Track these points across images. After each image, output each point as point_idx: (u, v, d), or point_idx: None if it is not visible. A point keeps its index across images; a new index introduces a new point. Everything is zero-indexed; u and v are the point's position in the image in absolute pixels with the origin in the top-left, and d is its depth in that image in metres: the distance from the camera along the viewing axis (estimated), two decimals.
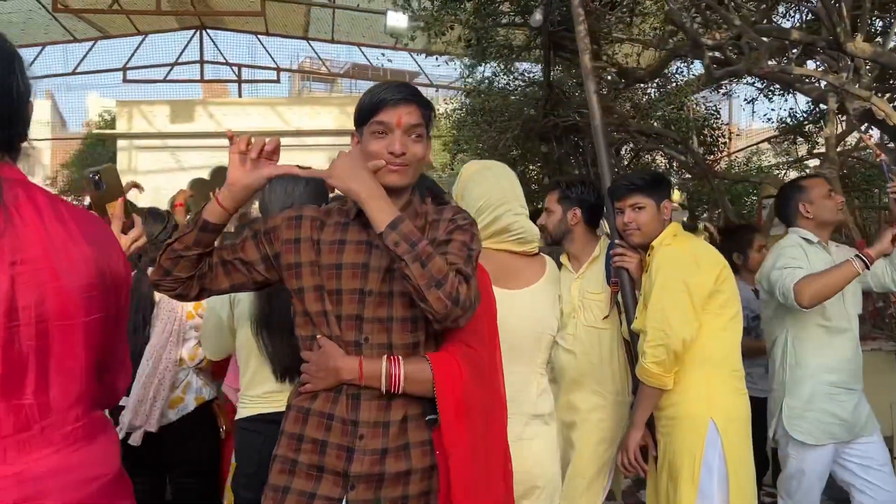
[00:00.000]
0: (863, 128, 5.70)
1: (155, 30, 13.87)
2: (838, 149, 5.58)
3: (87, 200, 1.96)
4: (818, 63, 5.45)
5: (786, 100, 6.54)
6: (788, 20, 5.91)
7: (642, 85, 6.12)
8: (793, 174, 7.64)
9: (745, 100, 6.76)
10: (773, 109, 6.69)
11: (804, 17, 5.44)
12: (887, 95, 5.58)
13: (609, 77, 5.81)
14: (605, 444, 3.21)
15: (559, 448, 3.30)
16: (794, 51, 4.57)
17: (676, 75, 6.83)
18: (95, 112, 22.79)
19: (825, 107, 4.93)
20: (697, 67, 6.88)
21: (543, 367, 2.53)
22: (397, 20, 8.80)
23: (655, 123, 6.19)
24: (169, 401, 3.19)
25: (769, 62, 4.26)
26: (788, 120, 6.61)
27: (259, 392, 2.75)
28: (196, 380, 3.27)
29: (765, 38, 4.22)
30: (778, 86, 6.06)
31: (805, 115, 6.41)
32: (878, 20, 5.43)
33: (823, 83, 4.39)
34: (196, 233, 1.82)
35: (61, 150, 23.03)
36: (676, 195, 6.07)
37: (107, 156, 14.17)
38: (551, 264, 2.64)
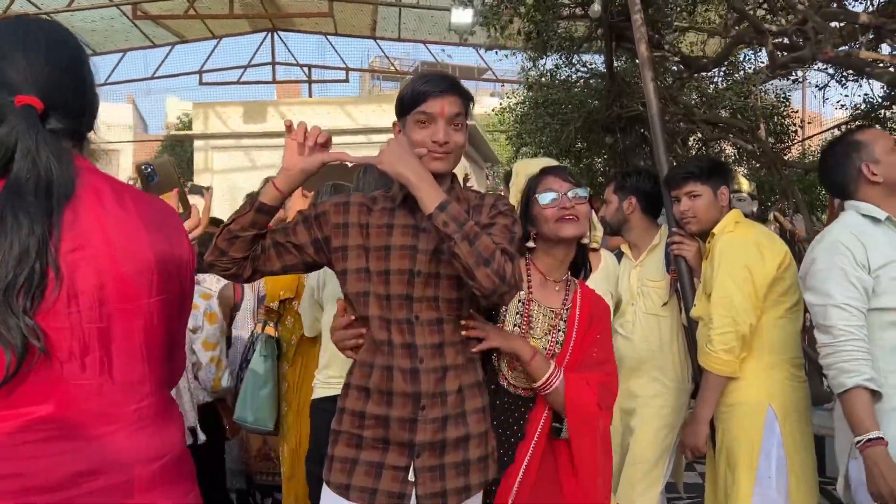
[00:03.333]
0: None
1: (228, 33, 14.20)
2: None
3: None
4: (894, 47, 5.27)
5: (860, 85, 6.32)
6: (861, 2, 5.73)
7: (707, 74, 6.01)
8: None
9: (817, 86, 6.56)
10: (846, 95, 6.37)
11: None
12: None
13: (673, 67, 5.73)
14: (665, 430, 3.25)
15: (617, 434, 3.39)
16: (870, 35, 4.44)
17: (744, 63, 6.68)
18: (174, 114, 23.62)
19: None
20: (765, 55, 6.73)
21: None
22: (461, 16, 8.91)
23: (723, 112, 6.07)
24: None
25: (839, 47, 4.16)
26: (863, 106, 6.36)
27: (335, 374, 2.82)
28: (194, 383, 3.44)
29: (833, 23, 4.12)
30: (851, 71, 5.85)
31: (881, 101, 6.16)
32: None
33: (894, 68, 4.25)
34: (253, 214, 1.91)
35: (142, 152, 23.93)
36: (746, 185, 5.93)
37: (185, 156, 14.68)
38: (607, 260, 2.61)
